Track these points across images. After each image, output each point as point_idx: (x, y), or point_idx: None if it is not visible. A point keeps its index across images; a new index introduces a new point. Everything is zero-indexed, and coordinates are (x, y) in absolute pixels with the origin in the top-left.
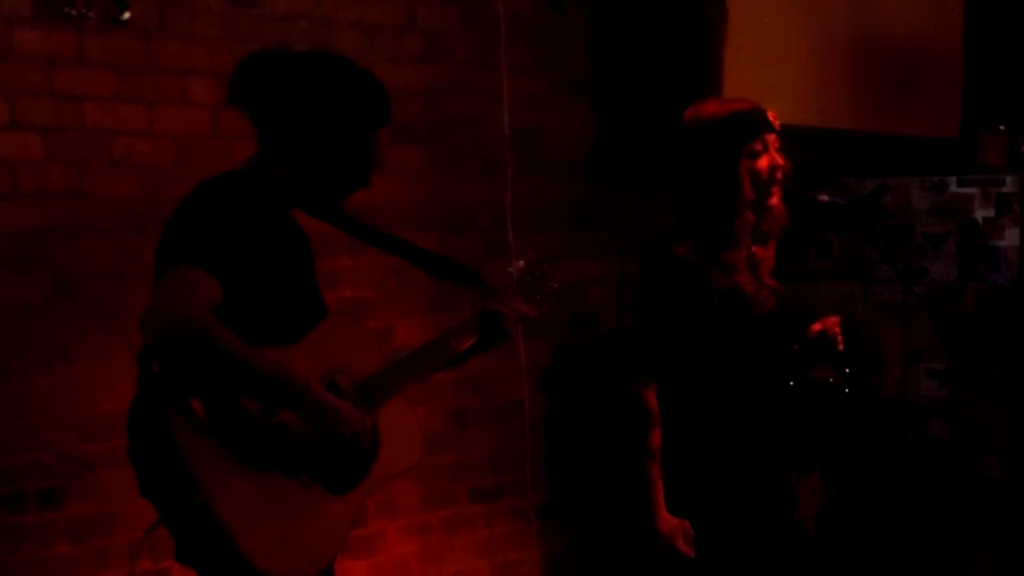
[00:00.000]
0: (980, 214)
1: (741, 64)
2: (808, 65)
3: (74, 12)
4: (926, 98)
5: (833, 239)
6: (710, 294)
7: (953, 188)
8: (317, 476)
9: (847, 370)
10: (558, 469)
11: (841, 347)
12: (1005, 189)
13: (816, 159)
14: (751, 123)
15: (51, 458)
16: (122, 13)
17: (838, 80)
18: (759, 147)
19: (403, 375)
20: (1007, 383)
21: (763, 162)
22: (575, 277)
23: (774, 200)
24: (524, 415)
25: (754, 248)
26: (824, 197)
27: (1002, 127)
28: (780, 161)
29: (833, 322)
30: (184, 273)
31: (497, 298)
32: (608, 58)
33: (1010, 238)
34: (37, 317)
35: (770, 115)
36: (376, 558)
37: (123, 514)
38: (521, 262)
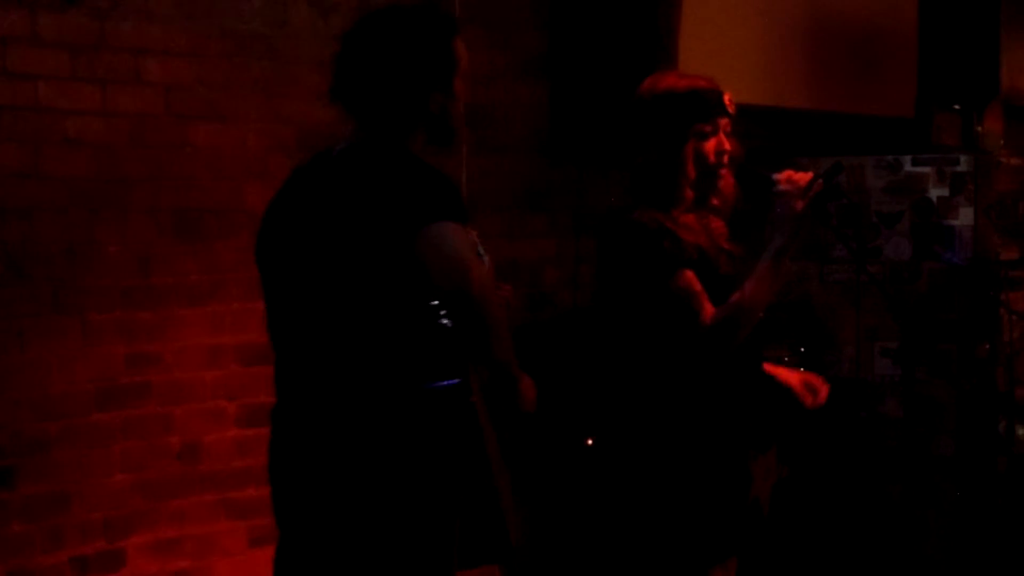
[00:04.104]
0: (934, 193)
1: (696, 43)
2: (764, 44)
3: None
4: (881, 77)
5: None
6: (674, 253)
7: (907, 167)
8: None
9: (802, 349)
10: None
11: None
12: (959, 168)
13: (771, 138)
14: (704, 103)
15: (5, 438)
16: None
17: (794, 60)
18: (708, 128)
19: None
20: (961, 362)
21: (711, 144)
22: (530, 256)
23: (721, 181)
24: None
25: (708, 218)
26: (776, 176)
27: (956, 107)
28: (727, 146)
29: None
30: (464, 233)
31: None
32: (563, 37)
33: (964, 217)
34: None
35: (727, 97)
36: None
37: (76, 493)
38: None
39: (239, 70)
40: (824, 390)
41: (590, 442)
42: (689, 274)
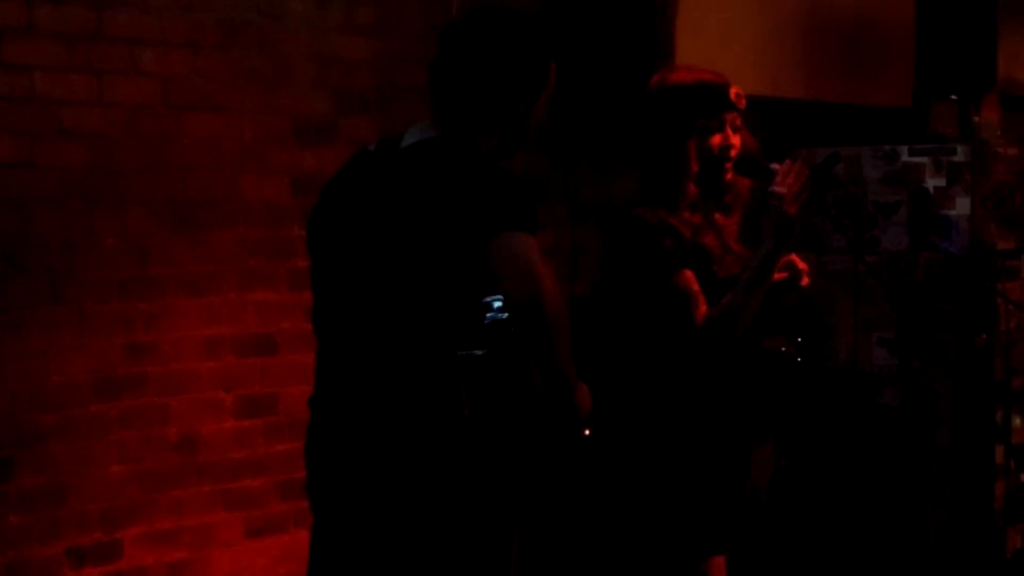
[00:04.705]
0: (931, 183)
1: (693, 34)
2: (760, 35)
3: None
4: (878, 68)
5: None
6: (674, 251)
7: (905, 157)
8: None
9: (799, 339)
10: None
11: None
12: (956, 158)
13: (768, 129)
14: (711, 97)
15: (2, 429)
16: None
17: (791, 50)
18: (714, 123)
19: None
20: (959, 352)
21: (715, 139)
22: None
23: (727, 176)
24: None
25: (716, 215)
26: (775, 166)
27: (954, 96)
28: (733, 141)
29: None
30: (538, 245)
31: None
32: (559, 27)
33: (961, 207)
34: None
35: (734, 92)
36: None
37: (73, 484)
38: None
39: (235, 61)
40: (801, 263)
41: (587, 432)
42: (688, 273)
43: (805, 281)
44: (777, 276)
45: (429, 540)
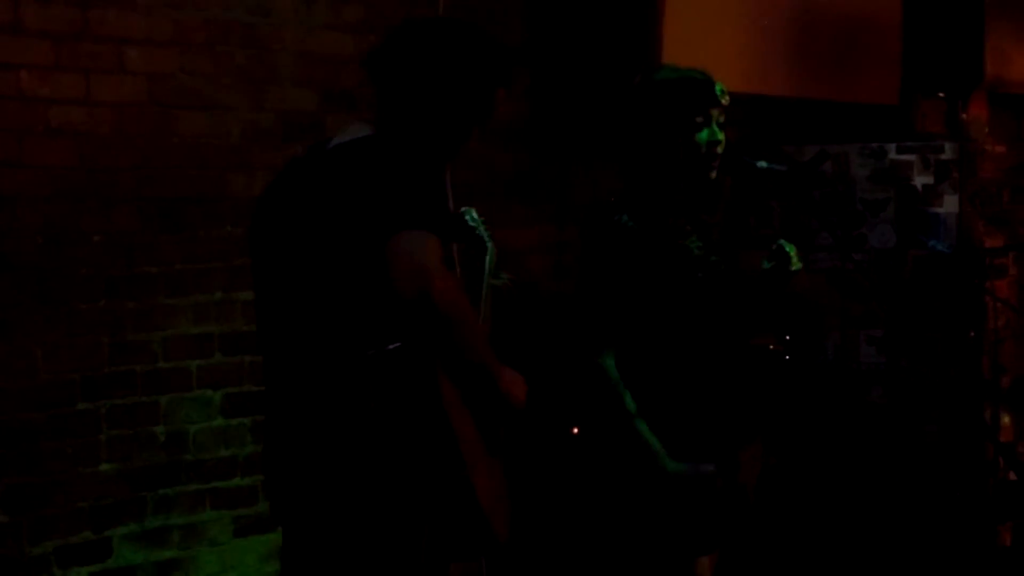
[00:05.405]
0: (919, 181)
1: (680, 30)
2: (748, 32)
3: None
4: (866, 65)
5: (773, 206)
6: (654, 259)
7: (892, 155)
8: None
9: (788, 337)
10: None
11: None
12: (944, 156)
13: (756, 126)
14: (696, 93)
15: None
16: None
17: (778, 47)
18: (700, 119)
19: None
20: (947, 350)
21: (702, 135)
22: (513, 245)
23: (711, 174)
24: None
25: (700, 214)
26: (762, 163)
27: (941, 94)
28: (719, 136)
29: None
30: (436, 244)
31: None
32: (544, 25)
33: (949, 205)
34: None
35: (719, 88)
36: None
37: (62, 483)
38: None
39: (222, 59)
40: (788, 247)
41: (575, 431)
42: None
43: (795, 266)
44: (763, 263)
45: (335, 538)
